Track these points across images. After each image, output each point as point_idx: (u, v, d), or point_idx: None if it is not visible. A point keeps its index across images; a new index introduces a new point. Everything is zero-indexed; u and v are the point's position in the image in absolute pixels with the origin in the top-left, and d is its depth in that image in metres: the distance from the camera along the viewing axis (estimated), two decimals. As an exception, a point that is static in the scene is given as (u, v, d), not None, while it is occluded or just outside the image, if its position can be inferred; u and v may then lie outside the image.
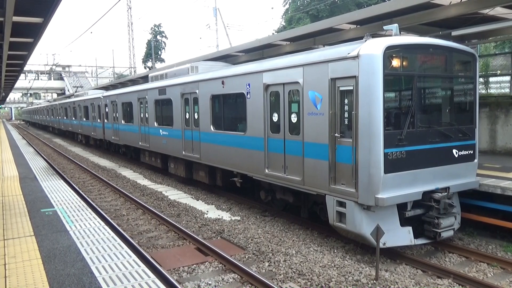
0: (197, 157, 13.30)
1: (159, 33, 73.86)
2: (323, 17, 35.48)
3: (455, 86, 8.94)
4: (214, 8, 45.06)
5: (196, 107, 13.30)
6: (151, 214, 11.30)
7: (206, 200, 13.13)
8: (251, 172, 10.64)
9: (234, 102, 11.78)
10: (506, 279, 7.08)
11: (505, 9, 10.73)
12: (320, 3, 41.29)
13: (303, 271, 7.10)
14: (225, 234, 9.42)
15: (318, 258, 7.75)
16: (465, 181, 8.53)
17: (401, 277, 6.96)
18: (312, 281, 6.76)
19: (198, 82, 13.11)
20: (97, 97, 25.57)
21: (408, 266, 7.56)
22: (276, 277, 7.01)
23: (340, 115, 7.90)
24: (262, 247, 8.40)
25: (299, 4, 45.19)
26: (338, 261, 7.61)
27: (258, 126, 10.19)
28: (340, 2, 39.71)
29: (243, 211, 11.70)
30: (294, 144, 9.05)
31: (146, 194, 14.10)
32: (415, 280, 6.89)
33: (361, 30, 13.16)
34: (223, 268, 7.56)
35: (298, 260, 7.61)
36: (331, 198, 8.12)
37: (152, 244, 8.97)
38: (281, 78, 9.33)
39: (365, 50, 7.35)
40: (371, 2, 37.71)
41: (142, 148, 18.66)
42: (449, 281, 6.91)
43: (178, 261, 7.92)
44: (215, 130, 12.29)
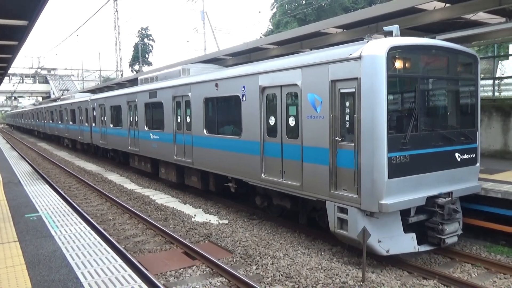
0: (189, 161, 13.01)
1: (146, 36, 73.52)
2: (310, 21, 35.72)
3: (457, 88, 8.79)
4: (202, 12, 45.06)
5: (188, 111, 12.98)
6: (138, 218, 11.22)
7: (194, 203, 13.09)
8: (246, 177, 10.36)
9: (228, 105, 11.51)
10: (490, 279, 7.21)
11: (488, 14, 10.97)
12: (307, 7, 41.60)
13: (291, 274, 7.12)
14: (212, 237, 9.40)
15: (306, 260, 7.78)
16: (467, 185, 8.37)
17: (387, 279, 7.03)
18: (299, 283, 6.78)
19: (190, 84, 12.82)
20: (84, 101, 25.25)
21: (394, 268, 7.64)
22: (264, 280, 7.02)
23: (341, 118, 7.67)
24: (250, 250, 8.40)
25: (286, 8, 45.43)
26: (325, 263, 7.65)
27: (254, 130, 9.91)
28: (327, 6, 40.06)
29: (230, 214, 11.69)
30: (292, 148, 8.80)
31: (133, 198, 13.99)
32: (401, 282, 6.96)
33: (347, 34, 13.31)
34: (211, 272, 7.54)
35: (286, 263, 7.63)
36: (331, 204, 7.89)
37: (139, 249, 8.90)
38: (278, 80, 9.08)
39: (367, 51, 7.12)
40: (358, 7, 38.15)
41: (131, 153, 18.33)
42: (434, 281, 7.00)
43: (165, 265, 7.87)
44: (208, 134, 12.00)
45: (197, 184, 13.30)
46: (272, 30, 45.71)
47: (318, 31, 13.57)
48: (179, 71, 14.59)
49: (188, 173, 13.81)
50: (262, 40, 18.71)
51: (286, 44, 15.67)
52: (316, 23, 14.56)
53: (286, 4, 45.19)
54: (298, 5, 44.25)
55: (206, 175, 12.79)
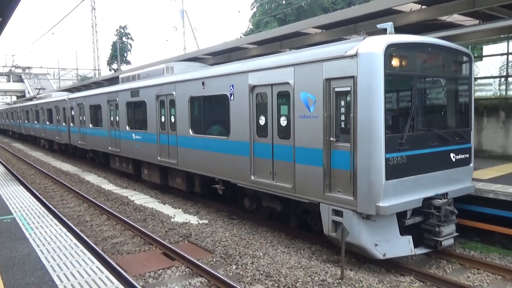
0: (174, 162, 12.59)
1: (124, 35, 72.55)
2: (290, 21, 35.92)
3: (452, 87, 8.67)
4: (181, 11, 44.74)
5: (173, 110, 12.56)
6: (116, 219, 11.06)
7: (173, 204, 12.99)
8: (234, 179, 10.01)
9: (215, 104, 11.15)
10: (464, 274, 7.40)
11: (462, 16, 11.26)
12: (287, 7, 41.81)
13: (270, 273, 7.15)
14: (192, 238, 9.35)
15: (285, 259, 7.83)
16: (462, 186, 8.25)
17: (365, 276, 7.13)
18: (279, 282, 6.81)
19: (175, 83, 12.38)
20: (62, 100, 24.62)
21: (372, 265, 7.74)
22: (244, 280, 7.02)
23: (336, 118, 7.40)
24: (230, 250, 8.40)
25: (266, 8, 45.56)
26: (305, 261, 7.70)
27: (242, 130, 9.57)
28: (307, 6, 40.34)
29: (210, 214, 11.66)
30: (283, 149, 8.50)
31: (111, 199, 13.79)
32: (378, 278, 7.08)
33: (326, 34, 13.44)
34: (190, 272, 7.50)
35: (266, 262, 7.66)
36: (326, 207, 7.62)
37: (117, 250, 8.78)
38: (269, 79, 8.76)
39: (364, 48, 6.84)
40: (337, 7, 38.57)
41: (112, 153, 17.75)
42: (410, 278, 7.14)
43: (144, 266, 7.79)
44: (194, 134, 11.63)
45: (181, 186, 12.97)
46: (252, 29, 45.78)
47: (297, 31, 13.68)
48: (163, 69, 14.17)
49: (172, 174, 13.46)
50: (242, 40, 18.74)
51: (266, 44, 15.73)
52: (295, 23, 14.67)
53: (266, 4, 45.31)
54: (278, 5, 44.43)
55: (191, 177, 12.45)
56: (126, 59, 71.75)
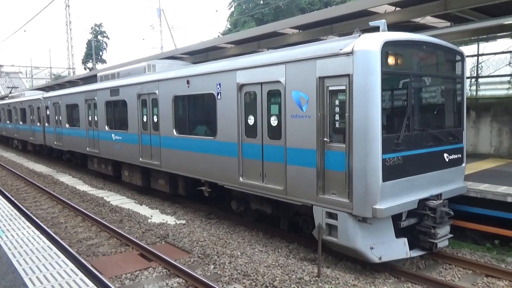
0: (156, 164, 12.14)
1: (100, 33, 71.16)
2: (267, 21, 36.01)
3: (446, 86, 8.54)
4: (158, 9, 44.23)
5: (155, 109, 12.08)
6: (92, 220, 10.86)
7: (150, 204, 12.85)
8: (222, 181, 9.65)
9: (201, 103, 10.77)
10: (437, 269, 7.60)
11: (435, 18, 11.54)
12: (264, 7, 41.91)
13: (248, 272, 7.16)
14: (169, 238, 9.27)
15: (263, 258, 7.85)
16: (455, 186, 8.15)
17: (341, 273, 7.22)
18: (257, 281, 6.83)
19: (158, 81, 11.89)
20: (36, 99, 23.86)
21: (348, 262, 7.85)
22: (222, 279, 7.01)
23: (330, 117, 7.15)
24: (208, 250, 8.37)
25: (244, 7, 45.55)
26: (282, 260, 7.75)
27: (230, 130, 9.20)
28: (284, 6, 40.54)
29: (188, 214, 11.58)
30: (274, 149, 8.19)
31: (86, 200, 13.53)
32: (354, 276, 7.19)
33: (303, 34, 13.56)
34: (168, 273, 7.44)
35: (243, 261, 7.67)
36: (319, 209, 7.37)
37: (92, 252, 8.62)
38: (259, 77, 8.43)
39: (360, 45, 6.60)
40: (314, 8, 38.90)
41: (90, 155, 17.13)
42: (385, 274, 7.29)
43: (120, 268, 7.68)
44: (178, 134, 11.21)
45: (164, 188, 12.54)
46: (230, 29, 45.67)
47: (275, 31, 13.75)
48: (144, 67, 13.72)
49: (155, 176, 13.00)
50: (220, 39, 18.69)
51: (244, 44, 15.75)
52: (273, 23, 14.74)
53: (243, 4, 45.30)
54: (256, 5, 44.50)
55: (174, 178, 12.06)
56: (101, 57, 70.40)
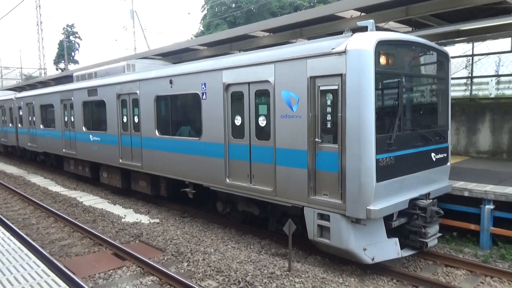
0: (138, 165, 11.63)
1: (72, 34, 69.19)
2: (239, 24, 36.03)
3: (433, 86, 8.43)
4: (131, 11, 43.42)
5: (136, 110, 11.53)
6: (64, 221, 10.57)
7: (124, 204, 12.62)
8: (208, 182, 9.27)
9: (185, 103, 10.31)
10: (400, 260, 7.80)
11: (397, 24, 11.83)
12: (236, 11, 41.89)
13: (221, 268, 7.16)
14: (143, 237, 9.14)
15: (236, 254, 7.87)
16: (441, 185, 8.09)
17: (311, 267, 7.33)
18: (229, 277, 6.83)
19: (139, 81, 11.31)
20: (8, 99, 22.84)
21: (318, 256, 7.97)
22: (195, 276, 6.98)
23: (322, 117, 6.92)
24: (181, 247, 8.30)
25: (216, 10, 45.37)
26: (254, 256, 7.79)
27: (216, 131, 8.85)
28: (256, 10, 40.64)
29: (162, 213, 11.45)
30: (262, 150, 7.90)
31: (59, 201, 13.14)
32: (323, 269, 7.30)
33: (274, 37, 13.63)
34: (142, 271, 7.34)
35: (217, 258, 7.66)
36: (310, 211, 7.14)
37: (65, 253, 8.40)
38: (246, 77, 8.12)
39: (353, 44, 6.38)
40: (284, 12, 39.18)
41: (66, 156, 16.33)
42: (352, 267, 7.42)
43: (94, 267, 7.52)
44: (160, 135, 10.70)
45: (145, 190, 12.04)
46: (203, 31, 45.40)
47: (246, 34, 13.75)
48: (124, 67, 13.10)
49: (136, 177, 12.46)
50: (193, 41, 18.52)
51: (217, 46, 15.68)
52: (245, 26, 14.74)
53: (216, 7, 45.13)
54: (228, 8, 44.40)
55: (156, 180, 11.60)
56: (73, 58, 68.49)
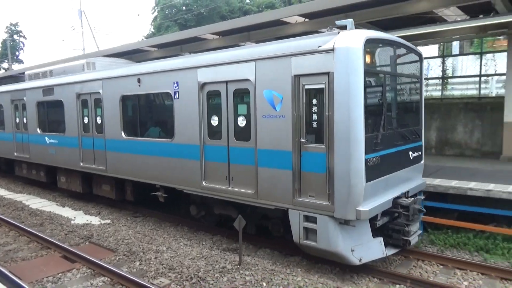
0: (101, 169, 10.71)
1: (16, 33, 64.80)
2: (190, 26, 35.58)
3: (410, 86, 8.24)
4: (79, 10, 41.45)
5: (99, 110, 10.64)
6: (9, 225, 9.90)
7: (74, 206, 12.05)
8: (181, 185, 8.62)
9: (155, 103, 9.60)
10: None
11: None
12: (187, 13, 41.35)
13: (174, 266, 7.06)
14: (94, 238, 8.79)
15: (188, 251, 7.79)
16: (417, 183, 7.95)
17: (261, 260, 7.42)
18: (182, 273, 6.76)
19: (102, 80, 10.39)
20: None
21: (267, 249, 8.08)
22: (148, 275, 6.82)
23: (307, 117, 6.53)
24: (133, 247, 8.08)
25: (167, 12, 44.50)
26: (206, 252, 7.76)
27: (190, 132, 8.24)
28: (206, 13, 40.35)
29: (113, 214, 11.07)
30: (242, 151, 7.42)
31: (3, 205, 12.28)
32: (272, 261, 7.43)
33: (223, 40, 13.66)
34: (92, 272, 7.05)
35: (169, 256, 7.54)
36: (296, 213, 6.74)
37: (10, 258, 7.87)
38: (224, 75, 7.59)
39: (342, 42, 6.02)
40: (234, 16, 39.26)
41: (18, 160, 14.86)
42: (299, 258, 7.60)
43: (41, 271, 7.11)
44: (127, 137, 9.86)
45: (110, 194, 11.18)
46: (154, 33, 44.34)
47: (196, 36, 13.68)
48: (83, 65, 12.07)
49: (98, 181, 11.49)
50: (144, 42, 18.08)
51: (167, 47, 15.45)
52: (195, 29, 14.65)
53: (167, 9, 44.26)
54: (179, 10, 43.71)
55: (121, 184, 10.78)
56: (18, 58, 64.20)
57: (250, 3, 45.62)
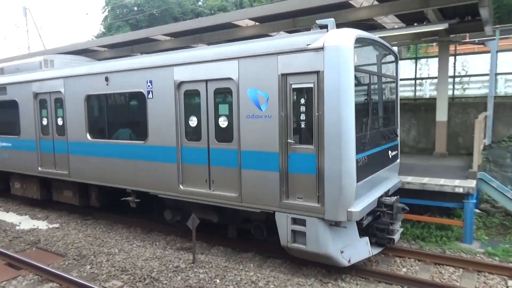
0: (64, 173, 9.88)
1: (-48, 29, 59.59)
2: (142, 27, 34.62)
3: (389, 85, 8.13)
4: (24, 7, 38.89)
5: (60, 111, 9.79)
6: None
7: (19, 210, 11.32)
8: (156, 190, 8.09)
9: (126, 103, 8.95)
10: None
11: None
12: (139, 14, 40.18)
13: (126, 267, 6.86)
14: (41, 244, 8.32)
15: (141, 252, 7.60)
16: (395, 181, 7.89)
17: (215, 257, 7.41)
18: (135, 275, 6.59)
19: (64, 78, 9.56)
20: None
21: (221, 247, 8.08)
22: (99, 278, 6.58)
23: (295, 117, 6.27)
24: (84, 250, 7.76)
25: (118, 12, 42.94)
26: (160, 252, 7.62)
27: (166, 133, 7.74)
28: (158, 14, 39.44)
29: (62, 217, 10.53)
30: (224, 153, 7.03)
31: None
32: (225, 258, 7.44)
33: (175, 41, 13.45)
34: (40, 279, 6.68)
35: (121, 258, 7.31)
36: (283, 216, 6.44)
37: None
38: (203, 74, 7.16)
39: (332, 40, 5.80)
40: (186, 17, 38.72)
41: None
42: (252, 253, 7.68)
43: (-17, 281, 6.64)
44: (94, 139, 9.16)
45: (72, 200, 10.33)
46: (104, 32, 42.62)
47: (148, 37, 13.35)
48: (40, 62, 11.14)
49: (59, 187, 10.58)
50: (93, 42, 17.34)
51: (118, 47, 14.93)
52: (147, 30, 14.29)
53: (117, 9, 42.71)
54: (130, 10, 42.36)
55: (85, 189, 10.00)
56: (-46, 55, 59.06)
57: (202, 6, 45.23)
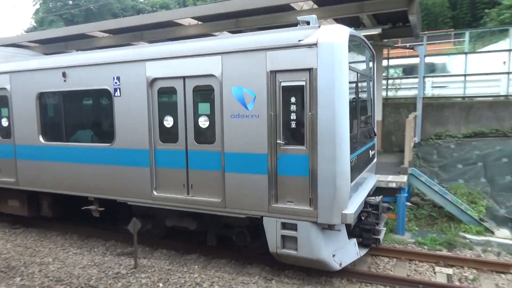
0: (10, 181, 8.69)
1: None
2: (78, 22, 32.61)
3: (370, 84, 7.82)
4: None
5: (5, 110, 8.68)
6: None
7: None
8: (124, 197, 7.25)
9: (87, 102, 8.07)
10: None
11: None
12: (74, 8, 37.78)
13: (62, 277, 6.35)
14: (-39, 256, 7.45)
15: (78, 260, 7.08)
16: (374, 181, 7.68)
17: (157, 261, 7.11)
18: (71, 284, 6.11)
19: (10, 73, 8.43)
20: None
21: (164, 250, 7.74)
22: (30, 290, 6.03)
23: (284, 117, 5.83)
24: (13, 261, 7.06)
25: (51, 6, 40.04)
26: (99, 259, 7.14)
27: (137, 135, 6.94)
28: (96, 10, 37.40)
29: (-13, 227, 9.53)
30: (205, 155, 6.42)
31: None
32: (169, 261, 7.16)
33: (114, 38, 12.79)
34: (-41, 296, 5.97)
35: (56, 267, 6.75)
36: (272, 221, 5.98)
37: None
38: (181, 70, 6.49)
39: (326, 37, 5.47)
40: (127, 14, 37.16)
41: None
42: (196, 255, 7.42)
43: None
44: (47, 142, 8.09)
45: (20, 210, 9.04)
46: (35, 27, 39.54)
47: (84, 33, 12.55)
48: None
49: (3, 196, 9.26)
50: (23, 37, 15.96)
51: (50, 43, 13.86)
52: (83, 25, 13.47)
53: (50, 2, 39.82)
54: (64, 4, 39.68)
55: (35, 197, 8.82)
56: None
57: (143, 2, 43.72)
